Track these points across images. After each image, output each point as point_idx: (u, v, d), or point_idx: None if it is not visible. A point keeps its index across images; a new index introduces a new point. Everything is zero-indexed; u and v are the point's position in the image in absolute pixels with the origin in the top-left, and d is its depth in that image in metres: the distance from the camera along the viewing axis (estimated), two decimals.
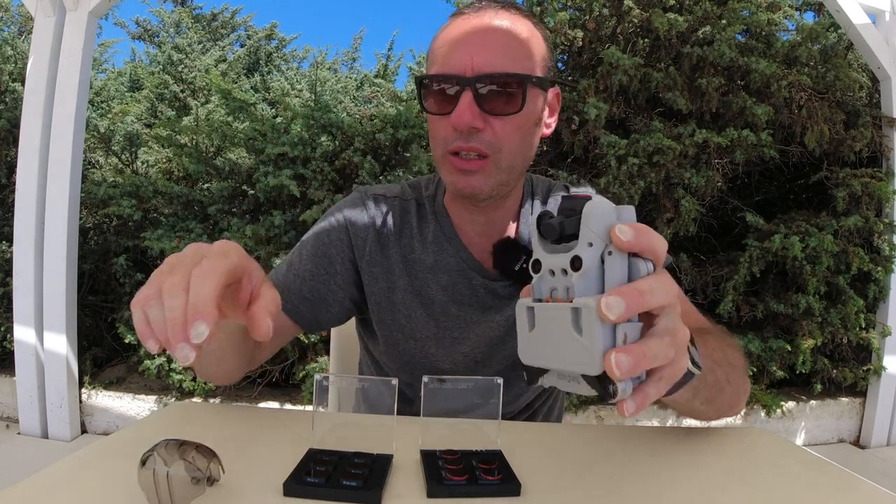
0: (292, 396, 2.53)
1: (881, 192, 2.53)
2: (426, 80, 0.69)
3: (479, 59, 0.65)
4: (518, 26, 0.69)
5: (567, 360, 0.39)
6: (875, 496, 0.51)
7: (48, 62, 2.31)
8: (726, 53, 2.40)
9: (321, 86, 4.42)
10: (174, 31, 5.23)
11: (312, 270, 0.79)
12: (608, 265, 0.38)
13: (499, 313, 0.80)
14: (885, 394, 2.66)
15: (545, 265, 0.41)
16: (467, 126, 0.65)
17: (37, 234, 2.31)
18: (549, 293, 0.41)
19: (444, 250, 0.80)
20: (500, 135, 0.67)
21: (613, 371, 0.34)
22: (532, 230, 0.42)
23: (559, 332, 0.39)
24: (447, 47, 0.69)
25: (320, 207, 2.30)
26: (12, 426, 2.43)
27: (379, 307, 0.81)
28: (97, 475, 0.48)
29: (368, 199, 0.82)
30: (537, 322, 0.41)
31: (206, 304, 0.37)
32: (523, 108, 0.67)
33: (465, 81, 0.65)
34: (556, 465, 0.54)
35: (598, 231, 0.37)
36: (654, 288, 0.36)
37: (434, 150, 0.72)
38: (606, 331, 0.36)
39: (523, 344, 0.43)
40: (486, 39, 0.67)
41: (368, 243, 0.80)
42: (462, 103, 0.65)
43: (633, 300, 0.35)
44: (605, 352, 0.35)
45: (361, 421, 0.72)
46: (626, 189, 2.33)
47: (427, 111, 0.70)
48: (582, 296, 0.37)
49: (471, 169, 0.68)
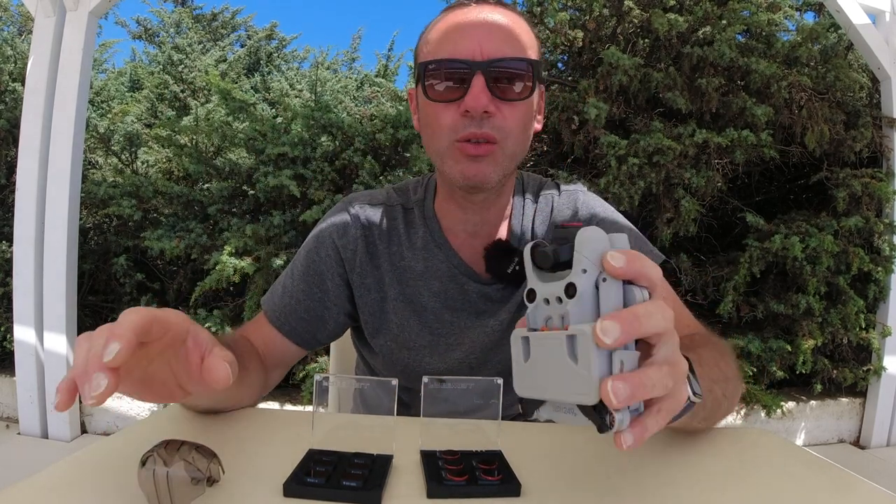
0: (292, 397, 2.53)
1: (881, 192, 2.53)
2: (431, 64, 0.67)
3: (487, 45, 0.65)
4: (517, 20, 0.70)
5: (563, 390, 0.38)
6: (875, 496, 0.51)
7: (48, 62, 2.31)
8: (726, 54, 2.40)
9: (321, 86, 4.43)
10: (174, 31, 5.23)
11: (305, 290, 0.78)
12: (603, 292, 0.37)
13: (492, 317, 0.79)
14: (885, 394, 2.66)
15: (540, 294, 0.41)
16: (483, 109, 0.64)
17: (37, 234, 2.31)
18: (545, 322, 0.41)
19: (434, 256, 0.79)
20: (509, 120, 0.67)
21: (610, 399, 0.33)
22: (526, 260, 0.42)
23: (555, 362, 0.38)
24: (451, 34, 0.67)
25: (320, 207, 2.30)
26: (12, 426, 2.43)
27: (372, 318, 0.80)
28: (97, 475, 0.48)
29: (353, 207, 0.81)
30: (532, 352, 0.41)
31: (122, 328, 0.36)
32: (532, 93, 0.68)
33: (477, 66, 0.64)
34: (556, 465, 0.54)
35: (592, 257, 0.37)
36: (650, 313, 0.36)
37: (436, 140, 0.70)
38: (603, 358, 0.36)
39: (519, 375, 0.42)
40: (491, 27, 0.67)
41: (358, 254, 0.79)
42: (476, 87, 0.64)
43: (629, 325, 0.34)
44: (602, 380, 0.35)
45: (361, 421, 0.72)
46: (626, 189, 2.33)
47: (431, 99, 0.68)
48: (577, 323, 0.37)
49: (481, 154, 0.67)
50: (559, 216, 0.82)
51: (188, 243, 2.45)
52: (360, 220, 0.80)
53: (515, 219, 0.81)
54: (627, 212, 2.39)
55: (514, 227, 0.80)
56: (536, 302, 0.41)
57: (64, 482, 0.46)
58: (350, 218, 0.80)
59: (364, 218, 0.80)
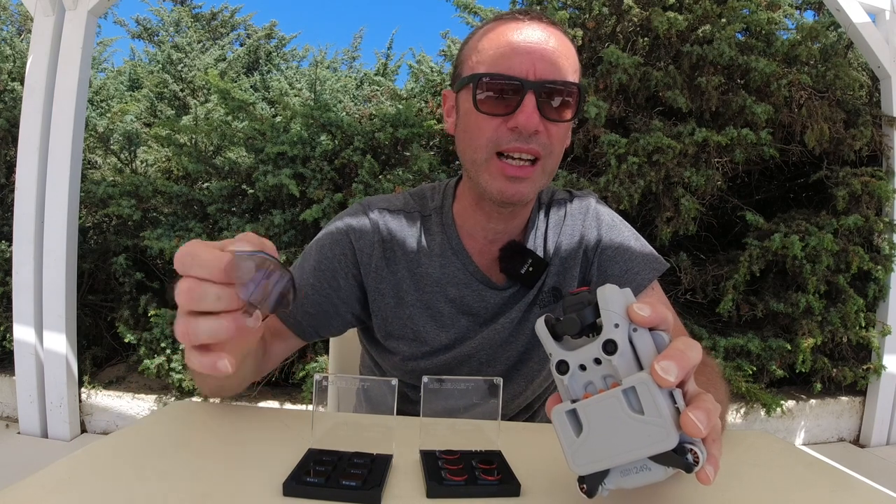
0: (292, 396, 2.53)
1: (881, 191, 2.53)
2: (485, 77, 0.69)
3: (541, 66, 0.68)
4: (567, 43, 0.72)
5: (633, 447, 0.38)
6: (874, 497, 0.51)
7: (47, 61, 2.30)
8: (726, 52, 2.40)
9: (321, 85, 4.42)
10: (174, 30, 5.22)
11: (315, 285, 0.79)
12: (637, 342, 0.39)
13: (503, 316, 0.81)
14: (884, 393, 2.66)
15: (573, 363, 0.41)
16: (534, 128, 0.67)
17: (36, 233, 2.30)
18: (585, 389, 0.41)
19: (451, 263, 0.81)
20: (553, 139, 0.70)
21: (696, 428, 0.35)
22: (542, 336, 0.42)
23: (615, 423, 0.38)
24: (504, 49, 0.69)
25: (320, 207, 2.30)
26: (12, 426, 2.43)
27: (385, 322, 0.81)
28: (97, 475, 0.48)
29: (372, 211, 0.82)
30: (585, 422, 0.40)
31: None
32: (576, 115, 0.71)
33: (530, 85, 0.67)
34: (556, 465, 0.54)
35: (620, 311, 0.38)
36: (689, 346, 0.38)
37: (474, 151, 0.71)
38: (668, 399, 0.37)
39: (575, 453, 0.41)
40: (545, 48, 0.69)
41: (374, 258, 0.80)
42: (528, 105, 0.66)
43: (682, 360, 0.36)
44: (681, 414, 0.36)
45: (361, 421, 0.72)
46: (625, 188, 2.33)
47: (480, 110, 0.69)
48: (626, 375, 0.38)
49: (523, 176, 0.69)
50: (571, 222, 0.84)
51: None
52: (378, 226, 0.81)
53: (530, 226, 0.83)
54: (627, 211, 2.39)
55: (528, 235, 0.83)
56: (571, 371, 0.41)
57: (64, 482, 0.46)
58: (369, 222, 0.81)
59: (383, 224, 0.81)
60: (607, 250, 0.82)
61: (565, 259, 0.82)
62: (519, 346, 0.83)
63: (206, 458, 0.52)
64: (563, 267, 0.82)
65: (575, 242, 0.82)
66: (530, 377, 0.85)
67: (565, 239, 0.82)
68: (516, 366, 0.83)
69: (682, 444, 0.37)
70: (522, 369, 0.84)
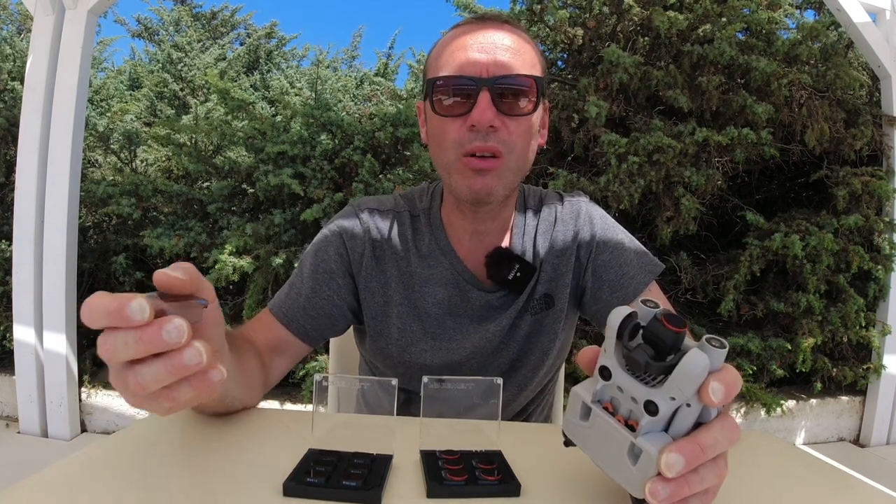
0: (292, 395, 2.53)
1: (881, 190, 2.53)
2: (439, 80, 0.70)
3: (495, 64, 0.68)
4: (522, 39, 0.72)
5: (612, 468, 0.40)
6: (874, 497, 0.51)
7: (47, 60, 2.30)
8: (726, 52, 2.40)
9: (321, 84, 4.42)
10: (174, 30, 5.22)
11: (314, 287, 0.79)
12: (680, 414, 0.37)
13: (493, 322, 0.80)
14: (884, 392, 2.66)
15: (615, 380, 0.40)
16: (488, 123, 0.67)
17: (36, 232, 2.31)
18: (609, 400, 0.41)
19: (440, 263, 0.81)
20: (513, 135, 0.69)
21: (653, 499, 0.36)
22: (611, 330, 0.40)
23: (612, 447, 0.40)
24: (459, 52, 0.70)
25: (320, 206, 2.30)
26: (12, 425, 2.43)
27: (374, 320, 0.82)
28: (97, 475, 0.48)
29: (362, 212, 0.83)
30: (592, 423, 0.42)
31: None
32: (536, 109, 0.70)
33: (483, 83, 0.67)
34: (556, 465, 0.54)
35: (687, 392, 0.36)
36: (717, 441, 0.37)
37: (443, 155, 0.72)
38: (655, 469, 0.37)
39: (571, 425, 0.44)
40: (498, 46, 0.70)
41: (365, 257, 0.80)
42: (482, 102, 0.67)
43: (693, 457, 0.36)
44: (649, 482, 0.37)
45: (361, 421, 0.72)
46: (626, 188, 2.33)
47: (438, 113, 0.70)
48: (647, 433, 0.38)
49: (487, 168, 0.69)
50: (562, 226, 0.83)
51: (188, 242, 2.45)
52: (368, 226, 0.82)
53: (517, 230, 0.82)
54: (627, 211, 2.39)
55: (515, 239, 0.82)
56: (610, 383, 0.41)
57: (64, 482, 0.46)
58: (360, 223, 0.82)
59: (373, 224, 0.82)
60: (602, 255, 0.81)
61: (557, 264, 0.81)
62: (511, 353, 0.82)
63: (206, 458, 0.52)
64: (554, 273, 0.81)
65: (567, 246, 0.81)
66: (523, 384, 0.84)
67: (557, 242, 0.82)
68: (508, 373, 0.83)
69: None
70: (515, 377, 0.83)
